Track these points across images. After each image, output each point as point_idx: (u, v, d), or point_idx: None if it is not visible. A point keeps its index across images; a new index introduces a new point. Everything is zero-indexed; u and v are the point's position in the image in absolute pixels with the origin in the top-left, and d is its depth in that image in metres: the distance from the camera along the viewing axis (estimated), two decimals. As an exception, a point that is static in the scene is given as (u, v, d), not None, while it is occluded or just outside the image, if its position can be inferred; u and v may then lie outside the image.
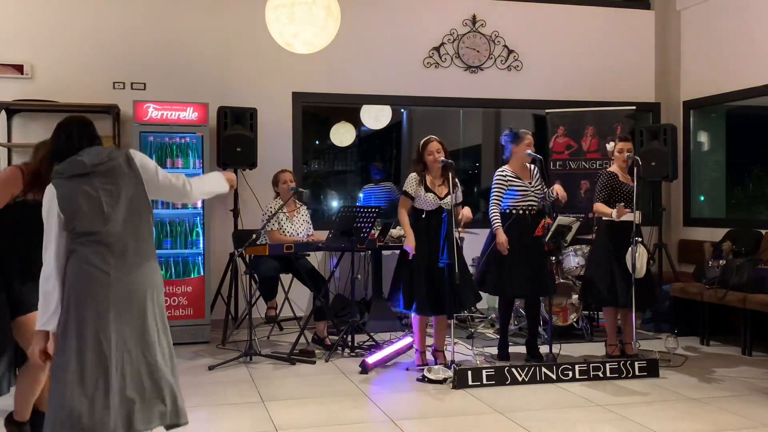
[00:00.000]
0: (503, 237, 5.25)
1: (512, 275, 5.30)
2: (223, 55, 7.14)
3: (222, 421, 4.20)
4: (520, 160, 5.44)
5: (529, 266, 5.28)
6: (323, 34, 5.20)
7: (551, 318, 5.50)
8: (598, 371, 5.00)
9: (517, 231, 5.32)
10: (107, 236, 2.86)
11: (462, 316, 6.72)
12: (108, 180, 2.90)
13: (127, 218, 2.91)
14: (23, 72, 6.65)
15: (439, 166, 5.14)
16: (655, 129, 7.38)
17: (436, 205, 5.12)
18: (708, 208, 8.18)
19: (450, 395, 4.64)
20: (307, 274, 6.01)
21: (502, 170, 5.46)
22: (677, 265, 7.45)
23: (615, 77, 8.11)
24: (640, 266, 5.20)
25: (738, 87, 7.33)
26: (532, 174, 5.44)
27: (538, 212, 5.39)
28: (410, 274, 5.09)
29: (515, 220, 5.34)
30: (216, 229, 6.80)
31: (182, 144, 6.44)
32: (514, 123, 8.43)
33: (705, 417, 4.19)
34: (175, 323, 6.10)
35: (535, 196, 5.40)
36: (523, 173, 5.43)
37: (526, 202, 5.38)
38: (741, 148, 8.04)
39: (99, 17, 6.85)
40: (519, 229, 5.32)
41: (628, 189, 5.40)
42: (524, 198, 5.38)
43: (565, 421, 4.14)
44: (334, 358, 5.63)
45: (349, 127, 9.22)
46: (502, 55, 7.90)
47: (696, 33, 7.92)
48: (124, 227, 2.89)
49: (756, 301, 5.64)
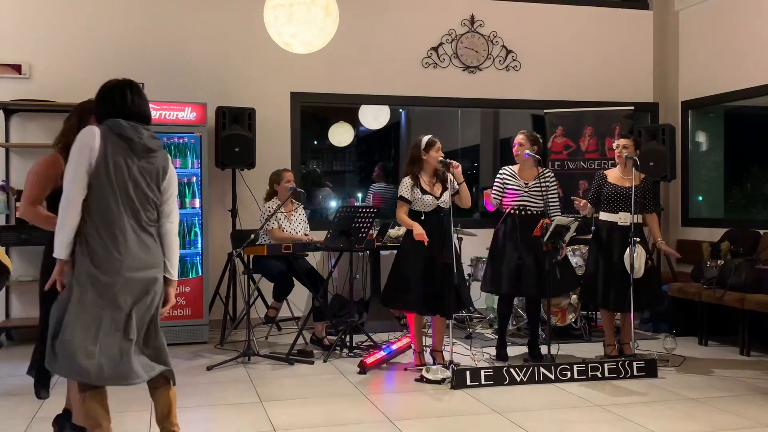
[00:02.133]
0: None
1: (499, 273, 5.35)
2: (222, 55, 7.14)
3: (220, 421, 4.19)
4: (520, 161, 5.50)
5: (530, 266, 5.28)
6: (322, 34, 5.20)
7: (549, 318, 5.50)
8: (597, 371, 5.00)
9: (511, 229, 5.38)
10: (119, 216, 3.01)
11: (460, 317, 6.71)
12: (146, 169, 3.09)
13: (141, 210, 3.07)
14: (21, 72, 6.65)
15: (438, 166, 5.15)
16: (654, 129, 7.38)
17: (434, 205, 5.12)
18: (706, 208, 8.18)
19: (448, 395, 4.64)
20: (305, 274, 6.02)
21: (503, 168, 5.58)
22: (675, 265, 7.46)
23: (613, 77, 8.12)
24: (638, 266, 5.21)
25: (736, 87, 7.34)
26: (541, 176, 5.43)
27: (537, 213, 5.39)
28: (408, 273, 5.09)
29: (506, 218, 5.42)
30: (214, 229, 6.80)
31: (180, 144, 6.43)
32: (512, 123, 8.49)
33: (703, 417, 4.19)
34: (173, 323, 6.15)
35: (531, 197, 5.40)
36: (526, 174, 5.46)
37: (519, 202, 5.41)
38: (739, 148, 8.04)
39: (97, 17, 6.85)
40: (513, 228, 5.38)
41: (615, 190, 5.41)
42: (518, 197, 5.42)
43: (563, 421, 4.14)
44: (333, 358, 5.62)
45: (348, 127, 9.22)
46: (500, 56, 7.91)
47: (694, 33, 7.92)
48: (136, 215, 3.06)
49: (754, 301, 5.64)
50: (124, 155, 3.02)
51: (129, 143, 3.03)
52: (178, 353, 5.88)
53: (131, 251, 3.00)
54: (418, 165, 5.20)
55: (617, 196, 5.39)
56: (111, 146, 2.99)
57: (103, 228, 2.97)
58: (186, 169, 6.42)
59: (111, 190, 2.99)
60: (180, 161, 6.41)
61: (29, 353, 3.77)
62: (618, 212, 5.38)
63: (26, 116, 6.66)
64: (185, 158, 6.43)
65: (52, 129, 6.40)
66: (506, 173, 5.51)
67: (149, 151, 3.10)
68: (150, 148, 3.10)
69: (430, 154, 5.16)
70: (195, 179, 6.44)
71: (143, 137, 3.08)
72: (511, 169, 5.52)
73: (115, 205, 2.99)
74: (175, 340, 6.14)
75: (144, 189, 3.07)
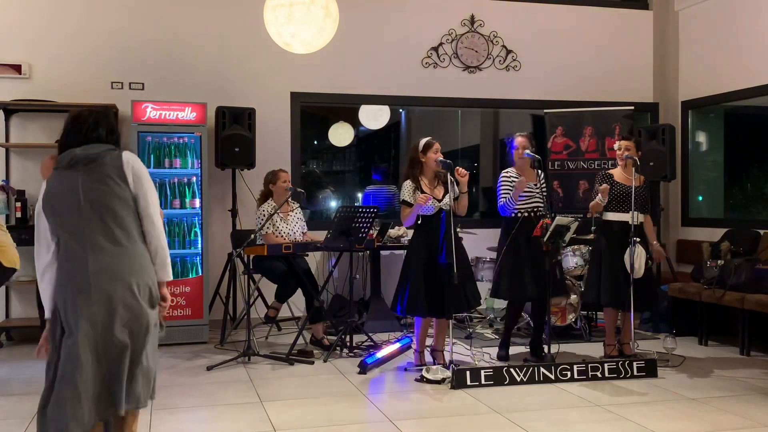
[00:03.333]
0: (522, 180, 5.25)
1: (523, 279, 5.29)
2: (222, 55, 7.14)
3: (220, 421, 4.19)
4: (519, 162, 5.46)
5: (537, 268, 5.26)
6: (322, 34, 5.20)
7: (550, 318, 5.50)
8: (597, 371, 5.00)
9: (525, 233, 5.28)
10: (77, 229, 2.88)
11: (460, 317, 6.71)
12: (92, 177, 2.90)
13: (101, 216, 2.89)
14: (21, 72, 6.65)
15: (437, 167, 5.14)
16: (654, 129, 7.38)
17: (436, 208, 5.11)
18: (706, 208, 8.19)
19: (448, 395, 4.64)
20: (304, 274, 6.01)
21: (507, 171, 5.47)
22: (675, 265, 7.46)
23: (613, 77, 8.12)
24: (638, 266, 5.21)
25: (736, 87, 7.34)
26: (538, 176, 5.42)
27: (544, 214, 5.36)
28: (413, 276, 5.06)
29: (523, 223, 5.32)
30: (214, 229, 6.80)
31: (180, 144, 6.43)
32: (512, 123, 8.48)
33: (703, 417, 4.19)
34: (173, 323, 6.16)
35: (541, 197, 5.39)
36: (527, 175, 5.39)
37: (532, 204, 5.37)
38: (739, 148, 8.04)
39: (97, 17, 6.85)
40: (527, 232, 5.27)
41: (622, 189, 5.40)
42: (529, 200, 5.37)
43: (563, 421, 4.14)
44: (333, 358, 5.62)
45: (348, 127, 9.21)
46: (500, 56, 7.91)
47: (694, 33, 7.92)
48: (94, 224, 2.89)
49: (754, 301, 5.64)
50: (69, 184, 2.90)
51: (74, 167, 2.91)
52: (178, 353, 5.89)
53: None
54: (418, 167, 5.18)
55: (627, 196, 5.36)
56: (56, 184, 2.92)
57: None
58: (186, 169, 6.42)
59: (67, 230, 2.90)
60: (180, 161, 6.41)
61: (29, 353, 3.78)
62: (628, 211, 5.34)
63: (26, 116, 6.66)
64: (185, 158, 6.43)
65: (52, 129, 6.43)
66: (513, 175, 5.40)
67: (91, 161, 2.91)
68: (91, 157, 2.91)
69: (428, 155, 5.14)
70: (195, 179, 6.45)
71: (88, 149, 2.93)
72: (516, 171, 5.44)
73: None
74: (175, 340, 6.15)
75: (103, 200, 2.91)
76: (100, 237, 2.88)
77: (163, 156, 6.37)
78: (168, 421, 4.14)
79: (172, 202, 6.35)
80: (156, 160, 6.35)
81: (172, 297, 6.10)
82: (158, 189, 6.19)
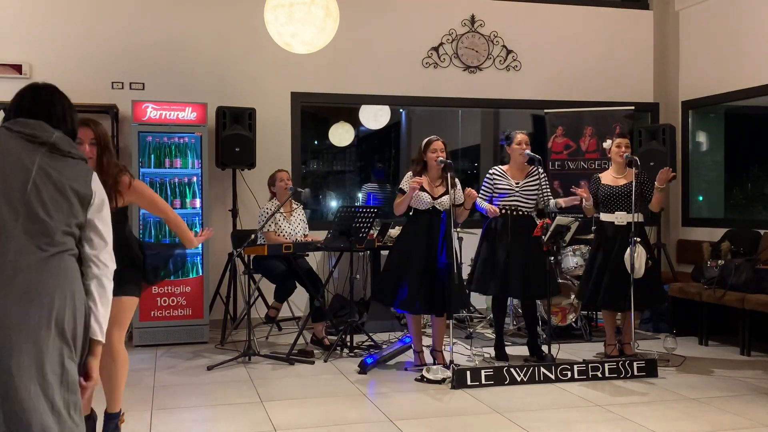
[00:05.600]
0: (490, 206, 5.37)
1: (490, 275, 5.33)
2: (222, 55, 7.14)
3: (220, 421, 4.19)
4: (514, 160, 5.49)
5: (518, 266, 5.28)
6: (322, 34, 5.20)
7: (550, 318, 5.50)
8: (597, 371, 5.00)
9: (501, 229, 5.36)
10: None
11: (461, 316, 6.71)
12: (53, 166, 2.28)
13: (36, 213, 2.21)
14: (21, 72, 6.64)
15: (439, 167, 5.15)
16: (654, 129, 7.38)
17: (429, 204, 5.12)
18: (706, 208, 8.19)
19: (449, 395, 4.64)
20: (305, 274, 6.02)
21: (492, 169, 5.57)
22: (676, 265, 7.46)
23: (613, 77, 8.12)
24: (638, 266, 5.21)
25: (736, 87, 7.34)
26: (531, 175, 5.43)
27: (527, 214, 5.40)
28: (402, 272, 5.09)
29: (500, 218, 5.39)
30: (215, 229, 6.75)
31: (181, 144, 6.43)
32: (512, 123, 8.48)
33: (703, 417, 4.19)
34: (173, 323, 6.17)
35: (522, 196, 5.40)
36: (516, 174, 5.46)
37: (510, 201, 5.40)
38: (739, 148, 8.04)
39: (97, 17, 6.85)
40: (503, 228, 5.35)
41: (610, 190, 5.41)
42: (508, 197, 5.41)
43: (563, 421, 4.14)
44: (333, 358, 5.62)
45: (348, 127, 9.22)
46: (500, 56, 7.91)
47: (694, 33, 7.92)
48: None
49: (754, 301, 5.64)
50: (24, 148, 2.26)
51: (33, 138, 2.28)
52: (179, 353, 5.89)
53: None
54: (421, 165, 5.23)
55: (612, 197, 5.40)
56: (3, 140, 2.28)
57: None
58: (186, 169, 6.42)
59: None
60: (180, 161, 6.41)
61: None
62: (614, 212, 5.38)
63: (27, 116, 6.65)
64: (186, 158, 6.43)
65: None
66: (496, 173, 5.50)
67: (60, 151, 2.30)
68: (62, 149, 2.31)
69: (428, 154, 5.18)
70: (195, 179, 6.45)
71: (53, 136, 2.31)
72: (501, 169, 5.51)
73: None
74: (175, 340, 6.16)
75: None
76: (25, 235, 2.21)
77: (164, 156, 6.37)
78: (168, 421, 4.15)
79: (172, 202, 6.34)
80: (156, 160, 6.36)
81: (173, 297, 6.21)
82: (159, 189, 6.22)
